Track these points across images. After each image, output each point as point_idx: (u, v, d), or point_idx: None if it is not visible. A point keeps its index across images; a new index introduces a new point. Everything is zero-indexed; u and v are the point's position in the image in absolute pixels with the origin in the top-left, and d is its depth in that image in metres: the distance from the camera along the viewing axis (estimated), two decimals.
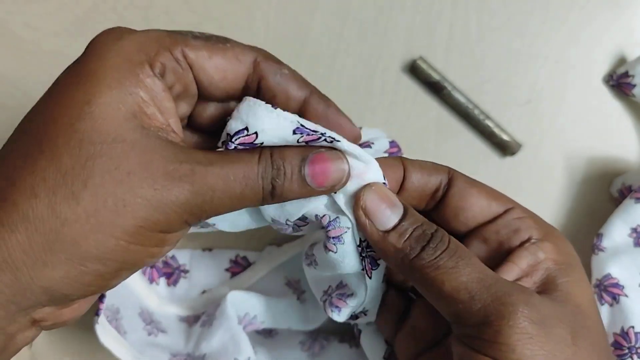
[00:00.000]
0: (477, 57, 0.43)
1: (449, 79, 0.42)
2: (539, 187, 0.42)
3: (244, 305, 0.36)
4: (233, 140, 0.23)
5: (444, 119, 0.42)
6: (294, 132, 0.23)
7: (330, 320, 0.39)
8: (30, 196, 0.20)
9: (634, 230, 0.37)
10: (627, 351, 0.33)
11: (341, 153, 0.24)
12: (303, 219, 0.27)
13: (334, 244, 0.26)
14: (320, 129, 0.24)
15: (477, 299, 0.22)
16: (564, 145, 0.42)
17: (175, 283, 0.39)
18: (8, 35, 0.42)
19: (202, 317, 0.38)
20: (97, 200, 0.20)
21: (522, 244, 0.26)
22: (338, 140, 0.24)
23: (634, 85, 0.40)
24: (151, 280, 0.39)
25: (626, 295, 0.34)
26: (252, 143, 0.23)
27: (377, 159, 0.26)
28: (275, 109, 0.23)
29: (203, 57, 0.23)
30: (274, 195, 0.23)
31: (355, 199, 0.25)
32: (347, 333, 0.39)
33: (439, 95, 0.42)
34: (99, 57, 0.22)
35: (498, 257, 0.27)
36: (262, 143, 0.23)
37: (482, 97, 0.42)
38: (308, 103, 0.25)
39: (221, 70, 0.24)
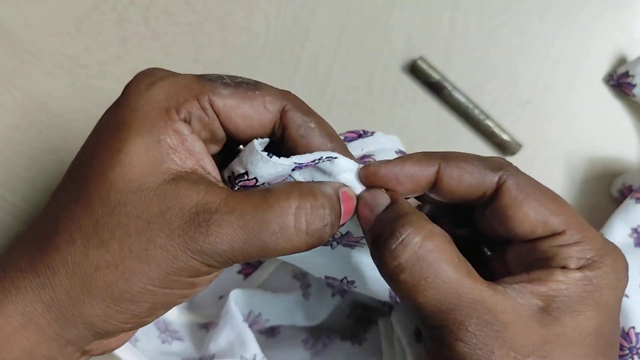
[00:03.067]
0: (477, 57, 0.43)
1: (449, 79, 0.42)
2: None
3: (248, 303, 0.36)
4: (237, 182, 0.24)
5: (444, 119, 0.42)
6: (293, 170, 0.24)
7: (333, 319, 0.39)
8: (69, 242, 0.22)
9: (635, 230, 0.37)
10: (627, 352, 0.33)
11: (352, 191, 0.25)
12: None
13: (357, 243, 0.27)
14: (317, 155, 0.24)
15: (430, 320, 0.22)
16: (564, 145, 0.42)
17: None
18: (8, 35, 0.42)
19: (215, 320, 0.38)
20: (123, 249, 0.21)
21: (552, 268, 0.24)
22: (335, 157, 0.24)
23: (634, 85, 0.40)
24: None
25: (627, 296, 0.34)
26: (253, 186, 0.24)
27: (407, 156, 0.25)
28: (271, 157, 0.23)
29: (230, 106, 0.24)
30: (318, 244, 0.23)
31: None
32: (349, 331, 0.39)
33: (439, 95, 0.42)
34: (130, 107, 0.23)
35: (526, 270, 0.24)
36: (264, 183, 0.24)
37: (482, 97, 0.42)
38: None
39: (247, 119, 0.24)
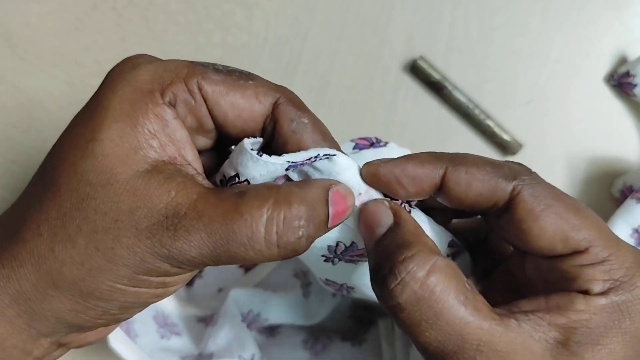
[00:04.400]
0: (477, 57, 0.43)
1: (450, 78, 0.42)
2: None
3: (247, 303, 0.36)
4: (228, 185, 0.22)
5: (444, 118, 0.42)
6: (287, 169, 0.22)
7: (333, 319, 0.39)
8: (36, 234, 0.21)
9: (636, 230, 0.37)
10: None
11: (348, 187, 0.23)
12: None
13: (360, 257, 0.25)
14: (313, 153, 0.22)
15: (432, 358, 0.21)
16: (564, 145, 0.42)
17: (191, 283, 0.39)
18: (8, 35, 0.42)
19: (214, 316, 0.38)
20: (89, 246, 0.20)
21: (572, 291, 0.22)
22: (334, 155, 0.23)
23: (635, 85, 0.40)
24: None
25: None
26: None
27: (412, 155, 0.24)
28: (261, 156, 0.21)
29: (219, 92, 0.22)
30: (294, 255, 0.21)
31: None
32: (349, 331, 0.39)
33: (440, 95, 0.42)
34: (110, 89, 0.21)
35: (546, 286, 0.23)
36: None
37: (482, 96, 0.42)
38: None
39: (236, 108, 0.23)
